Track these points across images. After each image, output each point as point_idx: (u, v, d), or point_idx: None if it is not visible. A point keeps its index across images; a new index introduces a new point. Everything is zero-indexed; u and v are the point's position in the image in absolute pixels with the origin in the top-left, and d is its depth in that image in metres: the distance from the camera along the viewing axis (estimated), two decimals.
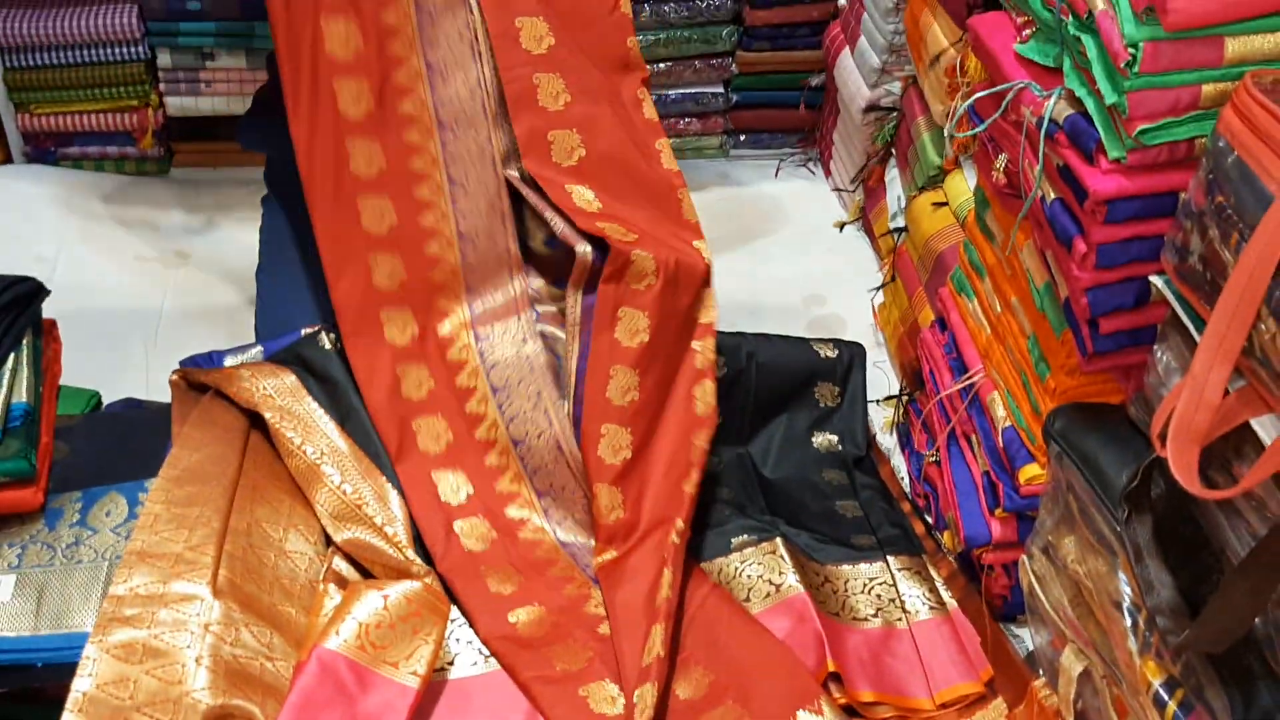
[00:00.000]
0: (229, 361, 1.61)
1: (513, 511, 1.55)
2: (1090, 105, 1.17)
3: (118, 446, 1.49)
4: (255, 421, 1.52)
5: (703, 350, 1.59)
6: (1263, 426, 0.96)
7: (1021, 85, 1.28)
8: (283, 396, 1.53)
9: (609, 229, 1.53)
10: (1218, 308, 0.96)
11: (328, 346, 1.58)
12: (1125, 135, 1.14)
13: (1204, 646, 0.97)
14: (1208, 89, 1.11)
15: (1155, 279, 1.15)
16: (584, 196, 1.58)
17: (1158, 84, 1.11)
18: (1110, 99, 1.13)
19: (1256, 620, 0.95)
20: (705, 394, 1.57)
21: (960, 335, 1.64)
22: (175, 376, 1.57)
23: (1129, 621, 1.10)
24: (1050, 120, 1.23)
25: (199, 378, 1.54)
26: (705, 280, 1.62)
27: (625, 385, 1.53)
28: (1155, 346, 1.14)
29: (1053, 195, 1.26)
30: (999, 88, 1.32)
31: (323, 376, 1.57)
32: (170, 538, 1.32)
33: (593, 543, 1.53)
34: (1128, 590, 1.12)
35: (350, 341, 1.56)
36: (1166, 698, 1.03)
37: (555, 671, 1.38)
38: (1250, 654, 0.97)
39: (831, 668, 1.39)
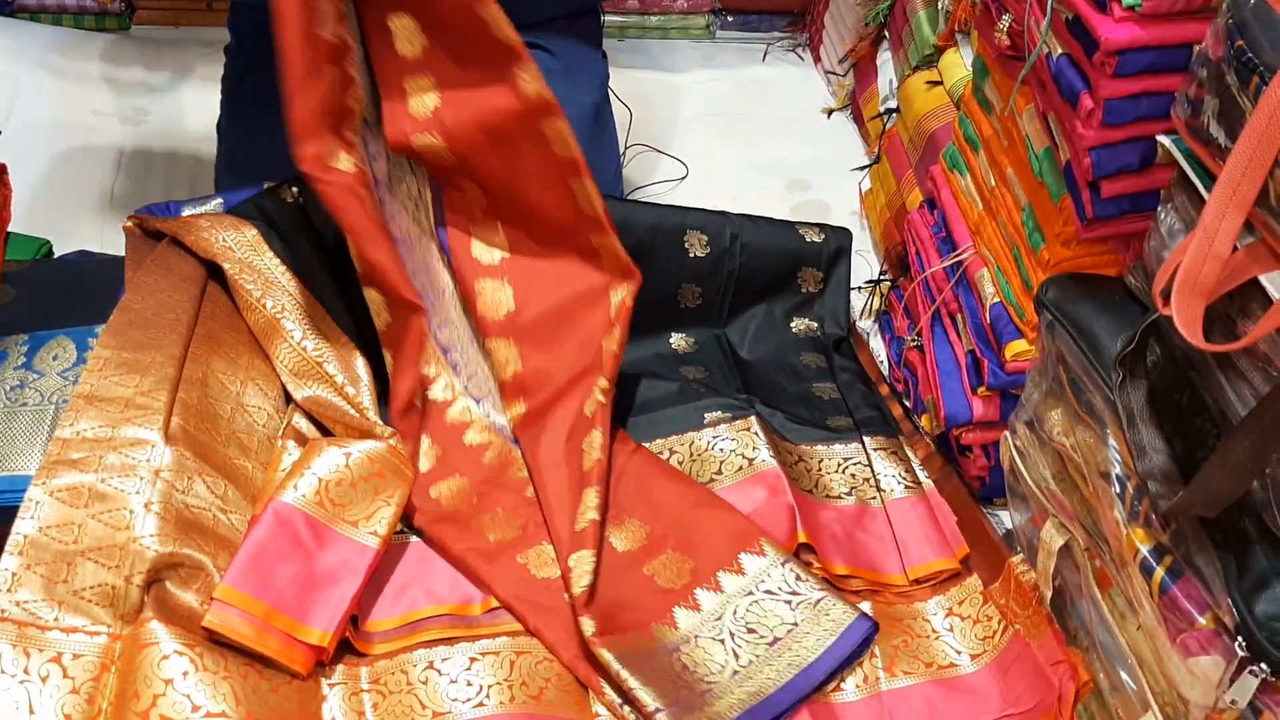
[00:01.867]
0: (187, 212, 1.53)
1: (423, 366, 1.47)
2: None
3: (67, 292, 1.42)
4: (213, 273, 1.45)
5: (582, 192, 1.42)
6: (1272, 282, 0.92)
7: None
8: (243, 249, 1.46)
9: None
10: (1233, 153, 0.90)
11: (290, 200, 1.51)
12: None
13: (1198, 510, 0.93)
14: None
15: (1163, 138, 1.09)
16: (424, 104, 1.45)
17: None
18: None
19: (1254, 483, 0.92)
20: (609, 248, 1.46)
21: (950, 213, 1.58)
22: (130, 223, 1.49)
23: (1117, 489, 1.07)
24: None
25: (155, 225, 1.47)
26: (539, 113, 1.38)
27: (489, 241, 1.48)
28: (1159, 209, 1.09)
29: (1059, 51, 1.20)
30: None
31: (284, 231, 1.50)
32: (120, 383, 1.26)
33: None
34: (1117, 458, 1.08)
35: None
36: (1154, 564, 0.99)
37: (489, 543, 1.35)
38: (1245, 518, 0.93)
39: (803, 539, 1.35)
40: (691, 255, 1.71)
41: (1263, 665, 0.86)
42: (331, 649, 1.20)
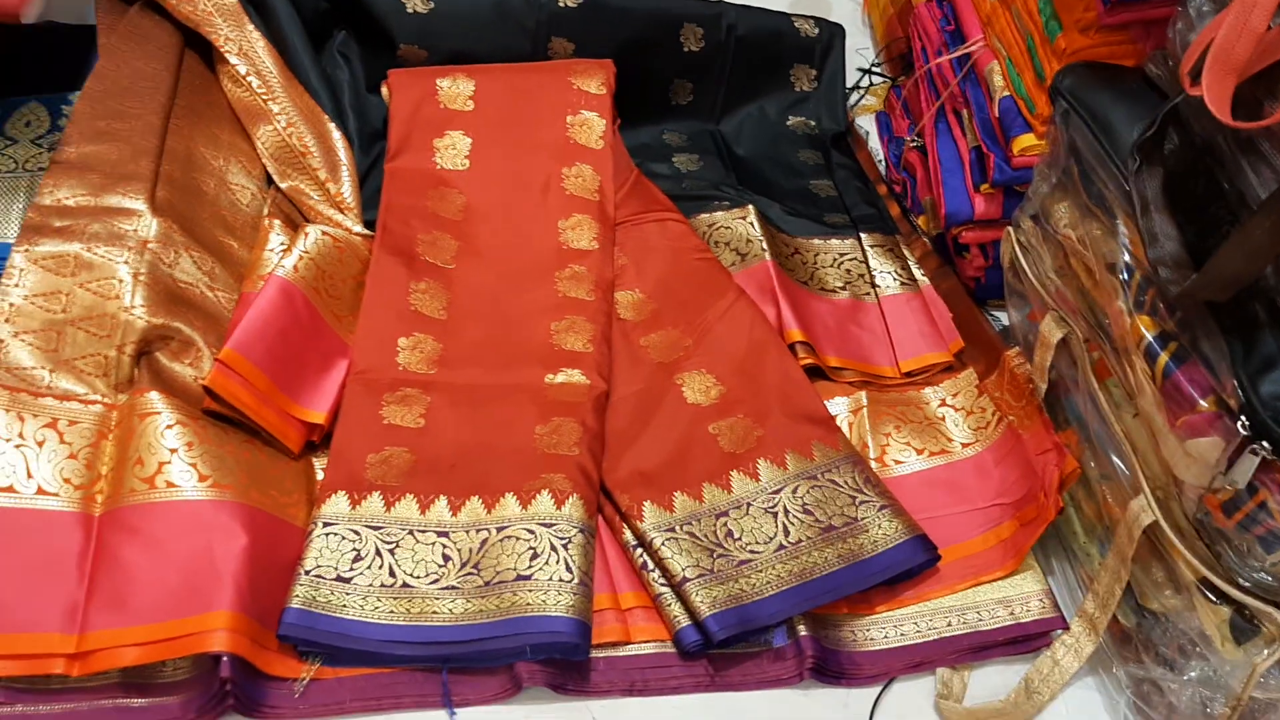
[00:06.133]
0: None
1: None
2: None
3: (38, 57, 1.35)
4: (188, 40, 1.38)
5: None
6: None
7: None
8: (224, 17, 1.39)
9: None
10: None
11: None
12: None
13: (1211, 294, 0.92)
14: None
15: None
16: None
17: None
18: None
19: (1268, 266, 0.91)
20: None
21: (961, 4, 1.52)
22: None
23: (1125, 277, 1.06)
24: None
25: None
26: None
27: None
28: None
29: None
30: None
31: (260, 3, 1.43)
32: (101, 151, 1.21)
33: None
34: (1126, 247, 1.07)
35: None
36: (1159, 349, 0.99)
37: None
38: (1256, 301, 0.92)
39: (798, 337, 1.34)
40: (686, 50, 1.65)
41: (1264, 444, 0.87)
42: (324, 430, 1.19)
